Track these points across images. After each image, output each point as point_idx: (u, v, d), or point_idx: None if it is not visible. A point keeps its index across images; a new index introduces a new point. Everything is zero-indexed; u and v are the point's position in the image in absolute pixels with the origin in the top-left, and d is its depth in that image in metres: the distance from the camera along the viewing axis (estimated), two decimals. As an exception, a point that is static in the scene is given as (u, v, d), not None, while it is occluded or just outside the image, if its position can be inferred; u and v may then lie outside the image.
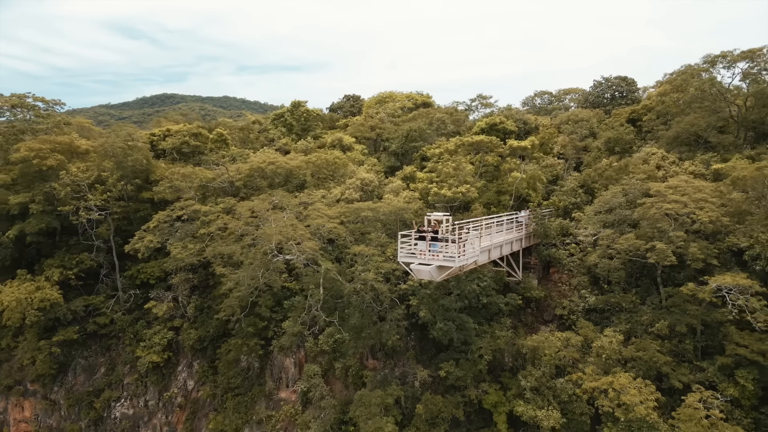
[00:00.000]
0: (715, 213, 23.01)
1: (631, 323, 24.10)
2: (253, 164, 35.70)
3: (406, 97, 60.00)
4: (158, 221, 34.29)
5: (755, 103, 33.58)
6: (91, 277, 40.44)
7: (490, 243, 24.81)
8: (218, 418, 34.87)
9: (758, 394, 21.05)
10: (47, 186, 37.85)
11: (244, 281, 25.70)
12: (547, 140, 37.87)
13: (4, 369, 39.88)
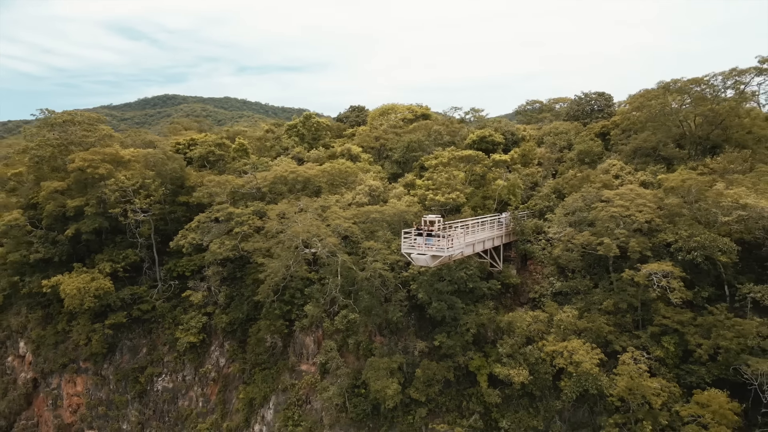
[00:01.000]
0: (651, 215, 29.42)
1: (586, 302, 30.50)
2: (277, 173, 42.13)
3: (406, 108, 66.43)
4: (198, 222, 40.76)
5: (702, 122, 40.01)
6: (135, 270, 46.97)
7: (474, 239, 31.25)
8: (247, 389, 41.36)
9: (679, 354, 27.43)
10: (99, 191, 44.24)
11: (278, 270, 32.11)
12: (528, 152, 44.29)
13: (60, 349, 46.35)
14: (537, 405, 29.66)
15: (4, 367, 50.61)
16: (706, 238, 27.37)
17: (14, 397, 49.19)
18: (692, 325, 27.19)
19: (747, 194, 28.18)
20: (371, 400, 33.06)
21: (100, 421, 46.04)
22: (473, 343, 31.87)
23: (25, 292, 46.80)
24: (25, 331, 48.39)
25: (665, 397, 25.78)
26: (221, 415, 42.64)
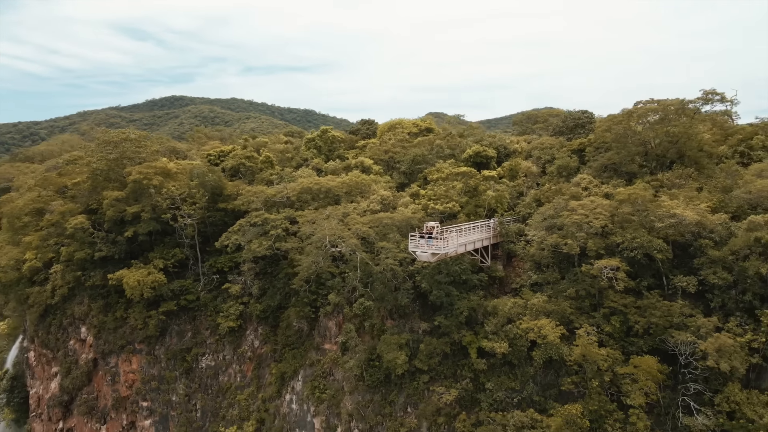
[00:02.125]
0: (605, 221, 37.50)
1: (554, 290, 38.60)
2: (303, 185, 50.51)
3: (412, 123, 74.71)
4: (240, 225, 49.15)
5: (661, 142, 48.05)
6: (181, 266, 55.47)
7: (466, 240, 39.49)
8: (279, 366, 49.79)
9: (623, 330, 35.52)
10: (153, 199, 52.76)
11: (310, 265, 40.47)
12: (514, 167, 52.43)
13: (118, 333, 54.94)
14: (515, 371, 37.81)
15: (67, 350, 59.33)
16: (644, 240, 35.46)
17: (77, 375, 57.92)
18: (633, 307, 35.28)
19: (678, 206, 36.26)
20: (384, 370, 41.34)
21: (153, 394, 54.66)
22: (465, 323, 40.04)
23: (88, 285, 55.48)
24: (87, 318, 57.03)
25: (610, 361, 33.87)
26: (257, 388, 51.14)
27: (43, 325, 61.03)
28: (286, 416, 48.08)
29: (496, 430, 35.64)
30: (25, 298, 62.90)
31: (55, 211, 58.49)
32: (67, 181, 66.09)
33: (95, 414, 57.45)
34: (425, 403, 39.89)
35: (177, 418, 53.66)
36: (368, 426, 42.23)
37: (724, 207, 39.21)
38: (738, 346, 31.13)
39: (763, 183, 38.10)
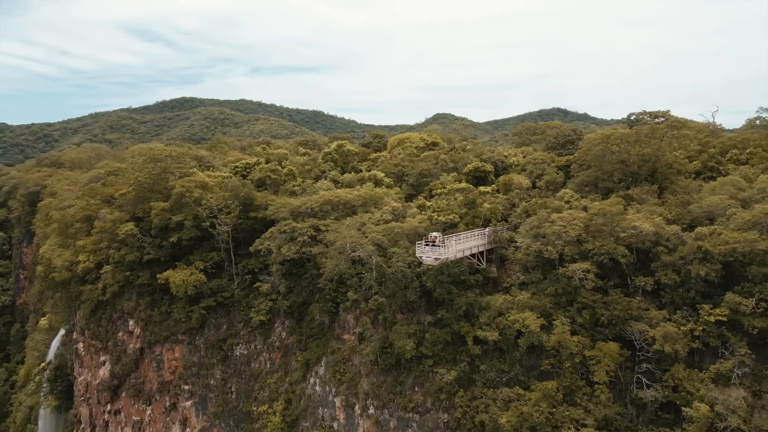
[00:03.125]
0: (579, 231, 45.38)
1: (537, 289, 46.54)
2: (325, 197, 58.73)
3: (419, 137, 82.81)
4: (271, 233, 57.44)
5: (635, 160, 55.83)
6: (217, 267, 63.88)
7: (464, 246, 47.53)
8: (304, 354, 58.02)
9: (592, 321, 43.40)
10: (195, 209, 61.19)
11: (333, 267, 48.69)
12: (508, 182, 60.37)
13: (163, 326, 63.48)
14: (504, 355, 45.78)
15: (116, 340, 67.96)
16: (610, 247, 43.35)
17: (125, 362, 66.54)
18: (600, 303, 43.16)
19: (638, 219, 44.11)
20: (395, 356, 49.42)
21: (193, 378, 63.14)
22: (463, 316, 48.05)
23: (137, 284, 64.06)
24: (135, 312, 65.59)
25: (581, 347, 41.78)
26: (284, 373, 59.47)
27: (94, 318, 69.68)
28: (311, 396, 56.35)
29: (488, 403, 43.72)
30: (77, 295, 71.59)
31: (106, 219, 67.10)
32: (111, 191, 74.87)
33: (142, 396, 66.06)
34: (430, 382, 47.99)
35: (214, 399, 62.12)
36: (381, 403, 50.42)
37: (681, 219, 47.06)
38: (681, 333, 38.95)
39: (712, 200, 45.86)
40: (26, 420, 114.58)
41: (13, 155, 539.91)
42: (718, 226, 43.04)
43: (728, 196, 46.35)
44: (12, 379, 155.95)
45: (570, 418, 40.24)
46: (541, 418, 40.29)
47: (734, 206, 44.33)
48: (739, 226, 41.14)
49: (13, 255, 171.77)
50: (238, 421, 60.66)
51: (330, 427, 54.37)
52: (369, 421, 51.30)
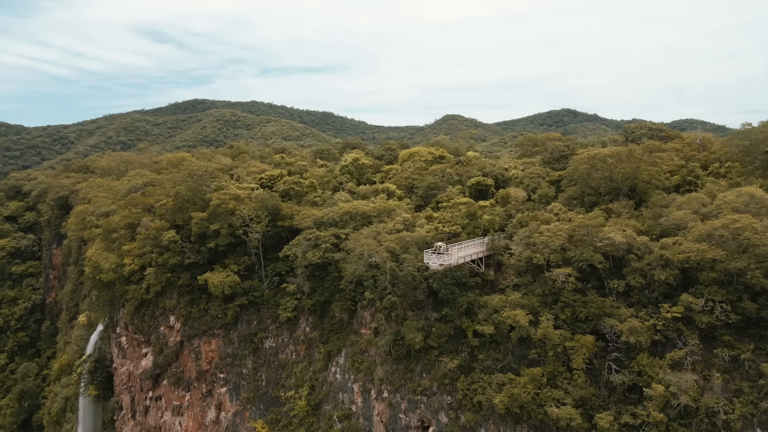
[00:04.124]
0: (563, 241, 53.60)
1: (527, 290, 54.85)
2: (344, 209, 67.34)
3: (428, 151, 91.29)
4: (297, 240, 66.16)
5: (619, 177, 63.90)
6: (249, 270, 72.76)
7: (465, 253, 55.96)
8: (326, 346, 66.71)
9: (572, 317, 51.61)
10: (229, 219, 70.09)
11: (353, 270, 57.32)
12: (505, 196, 68.66)
13: (201, 321, 72.49)
14: (499, 346, 54.11)
15: (158, 334, 77.10)
16: (589, 255, 51.58)
17: (167, 354, 75.64)
18: (580, 302, 51.35)
19: (613, 231, 52.27)
20: (406, 347, 57.91)
21: (228, 368, 72.08)
22: (465, 313, 56.46)
23: (178, 284, 73.13)
24: (176, 309, 74.67)
25: (562, 339, 49.96)
26: (308, 363, 68.21)
27: (138, 315, 78.89)
28: (332, 383, 65.04)
29: (485, 386, 52.14)
30: (122, 294, 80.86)
31: (150, 226, 76.27)
32: (151, 200, 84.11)
33: (181, 384, 75.15)
34: (435, 370, 56.45)
35: (246, 386, 71.01)
36: (394, 388, 59.01)
37: (652, 231, 55.18)
38: (645, 328, 47.05)
39: (677, 214, 53.93)
40: (62, 410, 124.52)
41: (30, 157, 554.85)
42: (680, 237, 51.15)
43: (692, 211, 54.36)
44: (43, 374, 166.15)
45: (552, 398, 48.46)
46: (528, 398, 48.57)
47: (695, 220, 52.35)
48: (695, 238, 49.19)
49: (43, 256, 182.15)
50: (268, 405, 69.50)
51: (349, 410, 63.04)
52: (383, 404, 59.91)
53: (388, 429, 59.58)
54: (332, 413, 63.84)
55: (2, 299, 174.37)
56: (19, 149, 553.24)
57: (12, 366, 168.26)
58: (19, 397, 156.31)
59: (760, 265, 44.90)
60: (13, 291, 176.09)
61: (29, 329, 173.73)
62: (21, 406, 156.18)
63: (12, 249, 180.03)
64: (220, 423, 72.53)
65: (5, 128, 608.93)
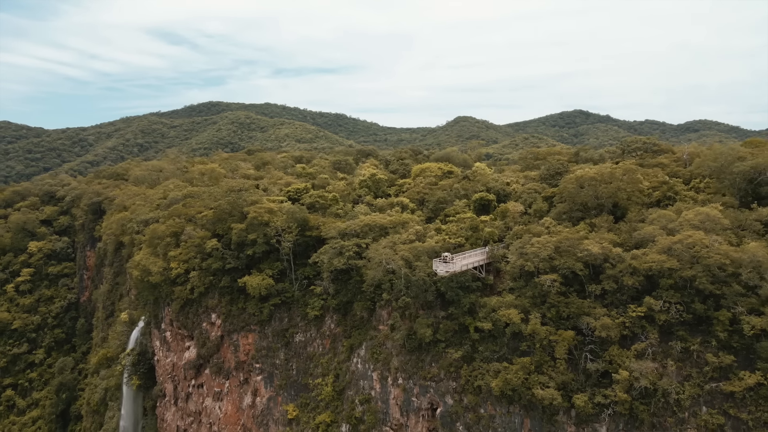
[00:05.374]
0: (550, 251, 64.30)
1: (521, 293, 65.61)
2: (365, 221, 78.51)
3: (437, 167, 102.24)
4: (325, 249, 77.44)
5: (604, 194, 74.38)
6: (281, 273, 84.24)
7: (468, 261, 66.92)
8: (348, 340, 77.98)
9: (557, 316, 62.21)
10: (264, 230, 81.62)
11: (373, 275, 68.54)
12: (504, 210, 79.39)
13: (240, 318, 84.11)
14: (496, 340, 64.94)
15: (201, 329, 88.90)
16: (571, 263, 62.24)
17: (209, 346, 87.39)
18: (563, 303, 62.01)
19: (591, 243, 62.84)
20: (418, 340, 68.91)
21: (263, 359, 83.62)
22: (467, 312, 67.37)
23: (219, 286, 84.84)
24: (217, 307, 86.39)
25: (548, 333, 60.70)
26: (333, 354, 79.51)
27: (183, 312, 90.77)
28: (354, 372, 76.28)
29: (484, 373, 63.06)
30: (168, 294, 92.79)
31: (193, 235, 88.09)
32: (192, 211, 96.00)
33: (221, 373, 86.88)
34: (443, 360, 67.42)
35: (279, 375, 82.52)
36: (407, 375, 70.10)
37: (627, 243, 65.68)
38: (615, 324, 57.63)
39: (647, 229, 64.39)
40: (102, 400, 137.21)
41: (50, 159, 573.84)
42: (648, 249, 61.68)
43: (660, 226, 64.80)
44: (79, 367, 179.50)
45: (539, 382, 59.22)
46: (519, 382, 59.43)
47: (661, 234, 62.82)
48: (658, 250, 59.69)
49: (77, 258, 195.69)
50: (298, 391, 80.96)
51: (369, 394, 74.23)
52: (398, 389, 71.04)
53: (403, 411, 70.69)
54: (354, 398, 75.03)
55: (40, 298, 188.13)
56: (40, 152, 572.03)
57: (49, 360, 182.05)
58: (57, 390, 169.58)
59: (707, 273, 55.37)
60: (49, 290, 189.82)
61: (65, 326, 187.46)
62: (59, 397, 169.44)
63: (48, 251, 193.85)
64: (255, 407, 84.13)
65: (26, 131, 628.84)
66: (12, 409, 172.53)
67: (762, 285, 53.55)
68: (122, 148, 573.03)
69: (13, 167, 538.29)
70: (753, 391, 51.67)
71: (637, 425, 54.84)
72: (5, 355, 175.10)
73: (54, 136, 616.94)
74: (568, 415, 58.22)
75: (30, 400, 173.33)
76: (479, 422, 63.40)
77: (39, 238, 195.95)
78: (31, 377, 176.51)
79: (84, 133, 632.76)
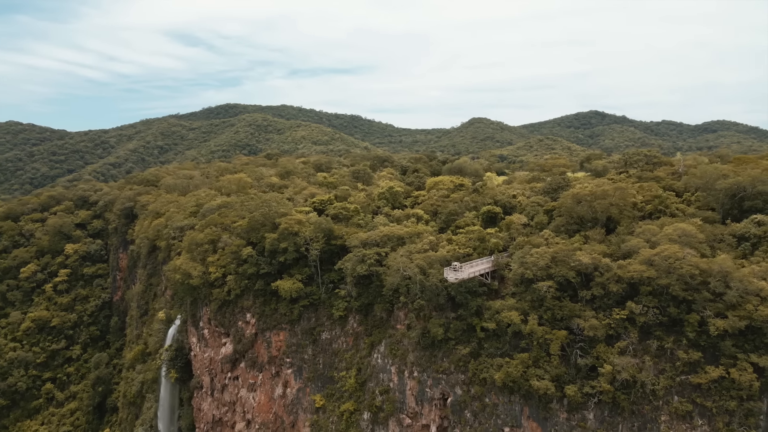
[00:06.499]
0: (547, 261, 74.02)
1: (521, 297, 75.42)
2: (384, 232, 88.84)
3: (449, 180, 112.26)
4: (348, 257, 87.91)
5: (595, 209, 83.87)
6: (309, 278, 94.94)
7: (475, 269, 76.97)
8: (370, 338, 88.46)
9: (552, 317, 72.01)
10: (294, 239, 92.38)
11: (392, 281, 78.92)
12: (509, 223, 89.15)
13: (272, 317, 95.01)
14: (499, 338, 74.88)
15: (236, 328, 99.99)
16: (565, 272, 71.95)
17: (244, 343, 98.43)
18: (557, 306, 71.69)
19: (582, 254, 72.46)
20: (431, 338, 79.09)
21: (293, 354, 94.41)
22: (474, 313, 77.39)
23: (254, 289, 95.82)
24: (251, 308, 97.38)
25: (543, 332, 70.48)
26: (356, 351, 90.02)
27: (220, 312, 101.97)
28: (374, 366, 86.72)
29: (488, 367, 73.08)
30: (206, 295, 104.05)
31: (229, 243, 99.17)
32: (227, 221, 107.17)
33: (255, 366, 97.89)
34: (453, 355, 77.56)
35: (307, 368, 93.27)
36: (422, 369, 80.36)
37: (616, 253, 75.15)
38: (601, 325, 67.24)
39: (633, 242, 73.86)
40: (139, 392, 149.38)
41: (74, 161, 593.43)
42: (632, 260, 71.15)
43: (644, 239, 74.23)
44: (113, 362, 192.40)
45: (535, 374, 69.08)
46: (519, 374, 69.37)
47: (644, 246, 72.26)
48: (640, 261, 69.17)
49: (110, 259, 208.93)
50: (324, 383, 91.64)
51: (387, 386, 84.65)
52: (414, 381, 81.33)
53: (417, 400, 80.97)
54: (375, 389, 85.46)
55: (76, 297, 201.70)
56: (64, 153, 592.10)
57: (85, 356, 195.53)
58: (94, 383, 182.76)
59: (680, 282, 64.79)
60: (85, 290, 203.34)
61: (99, 324, 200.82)
62: (95, 390, 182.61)
63: (83, 253, 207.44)
64: (286, 397, 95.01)
65: (50, 133, 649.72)
66: (51, 401, 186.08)
67: (727, 292, 62.86)
68: (143, 150, 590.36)
69: (38, 169, 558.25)
70: (717, 383, 61.05)
71: (619, 412, 64.55)
72: (45, 351, 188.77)
73: (77, 138, 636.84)
74: (561, 404, 68.03)
75: (68, 393, 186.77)
76: (484, 410, 73.48)
77: (74, 241, 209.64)
78: (69, 371, 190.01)
79: (105, 135, 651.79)
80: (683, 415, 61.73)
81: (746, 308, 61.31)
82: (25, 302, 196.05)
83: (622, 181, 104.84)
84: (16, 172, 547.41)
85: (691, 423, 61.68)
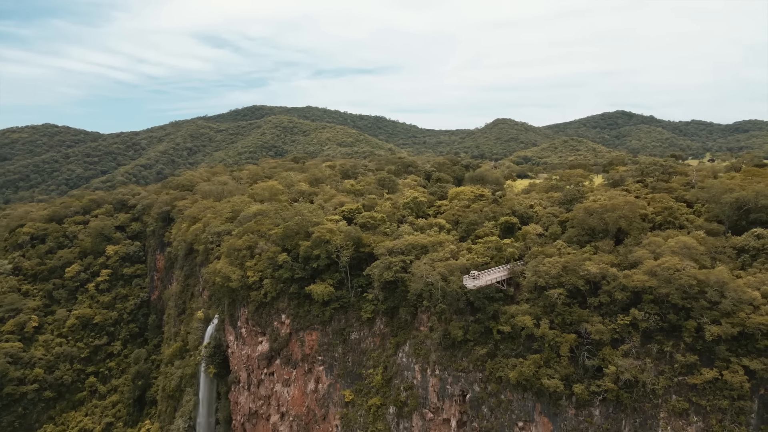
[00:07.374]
0: (558, 270, 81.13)
1: (534, 303, 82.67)
2: (408, 241, 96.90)
3: (470, 191, 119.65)
4: (376, 264, 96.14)
5: (606, 221, 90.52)
6: (339, 282, 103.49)
7: (492, 277, 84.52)
8: (395, 338, 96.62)
9: (563, 322, 79.14)
10: (326, 247, 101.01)
11: (416, 287, 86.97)
12: (524, 233, 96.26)
13: (306, 318, 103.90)
14: (514, 340, 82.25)
15: (272, 327, 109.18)
16: (574, 280, 78.98)
17: (279, 341, 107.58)
18: (567, 312, 78.79)
19: (591, 264, 79.36)
20: (451, 339, 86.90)
21: (324, 352, 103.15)
22: (491, 317, 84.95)
23: (289, 292, 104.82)
24: (286, 309, 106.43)
25: (554, 335, 77.69)
26: (382, 350, 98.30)
27: (257, 313, 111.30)
28: (400, 365, 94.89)
29: (503, 367, 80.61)
30: (244, 297, 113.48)
31: (266, 250, 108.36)
32: (263, 228, 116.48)
33: (290, 363, 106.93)
34: (471, 355, 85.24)
35: (338, 366, 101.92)
36: (443, 367, 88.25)
37: (623, 263, 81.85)
38: (607, 330, 74.21)
39: (639, 253, 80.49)
40: (178, 386, 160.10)
41: (107, 162, 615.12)
42: (637, 270, 77.85)
43: (649, 251, 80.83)
44: (152, 358, 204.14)
45: (546, 374, 76.38)
46: (531, 373, 76.80)
47: (648, 258, 78.86)
48: (644, 272, 75.89)
49: (147, 260, 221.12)
50: (353, 379, 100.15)
51: (411, 383, 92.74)
52: (435, 379, 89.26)
53: (439, 396, 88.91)
54: (400, 385, 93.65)
55: (116, 296, 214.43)
56: (97, 155, 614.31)
57: (125, 351, 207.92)
58: (134, 378, 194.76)
59: (679, 291, 71.43)
60: (124, 289, 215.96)
61: (138, 321, 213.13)
62: (135, 384, 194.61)
63: (123, 254, 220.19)
64: (318, 392, 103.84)
65: (83, 135, 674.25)
66: (94, 394, 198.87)
67: (722, 301, 69.34)
68: (173, 151, 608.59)
69: (74, 170, 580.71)
70: (711, 384, 67.65)
71: (622, 409, 71.56)
72: (88, 346, 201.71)
73: (109, 140, 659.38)
74: (570, 401, 75.29)
75: (110, 386, 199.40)
76: (500, 406, 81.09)
77: (115, 242, 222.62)
78: (110, 366, 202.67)
79: (136, 137, 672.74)
80: (680, 412, 68.42)
81: (740, 316, 67.73)
82: (69, 300, 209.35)
83: (637, 191, 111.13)
84: (53, 173, 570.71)
85: (688, 420, 68.35)
